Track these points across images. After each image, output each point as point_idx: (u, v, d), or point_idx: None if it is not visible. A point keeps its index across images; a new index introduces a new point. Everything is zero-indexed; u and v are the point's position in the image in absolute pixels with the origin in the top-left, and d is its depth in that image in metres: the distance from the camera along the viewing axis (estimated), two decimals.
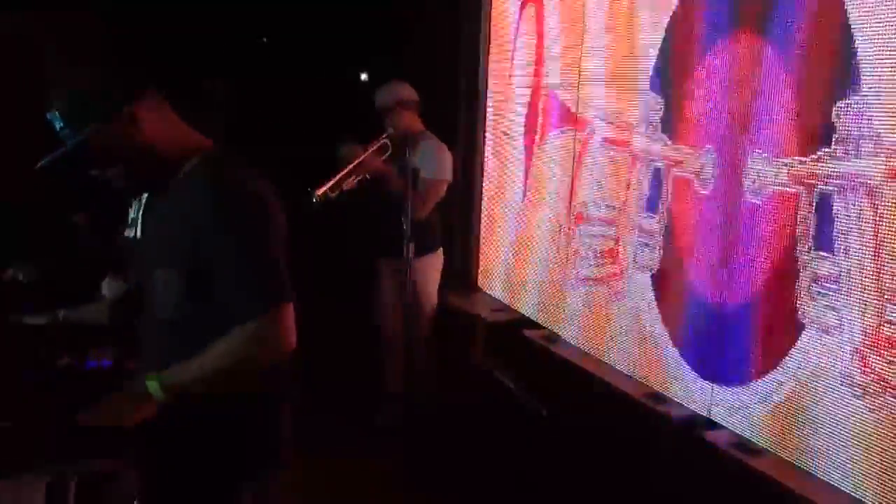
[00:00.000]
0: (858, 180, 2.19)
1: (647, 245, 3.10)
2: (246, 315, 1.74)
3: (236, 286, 1.75)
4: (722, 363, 2.72)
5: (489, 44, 4.46)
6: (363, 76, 5.51)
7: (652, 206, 3.08)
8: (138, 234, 2.06)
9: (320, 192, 3.48)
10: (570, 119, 3.62)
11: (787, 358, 2.44)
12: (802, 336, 2.39)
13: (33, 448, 1.84)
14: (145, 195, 2.08)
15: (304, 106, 5.08)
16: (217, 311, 1.76)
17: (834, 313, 2.28)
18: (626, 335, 3.23)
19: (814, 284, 2.34)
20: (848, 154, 2.22)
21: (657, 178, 3.05)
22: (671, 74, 2.96)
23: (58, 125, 1.79)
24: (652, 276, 3.07)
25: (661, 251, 3.02)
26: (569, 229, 3.65)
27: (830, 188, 2.28)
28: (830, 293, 2.29)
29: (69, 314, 2.30)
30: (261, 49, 5.24)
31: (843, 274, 2.25)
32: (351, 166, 3.59)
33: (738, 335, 2.64)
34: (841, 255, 2.25)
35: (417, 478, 3.56)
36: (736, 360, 2.64)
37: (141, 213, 2.10)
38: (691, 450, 2.74)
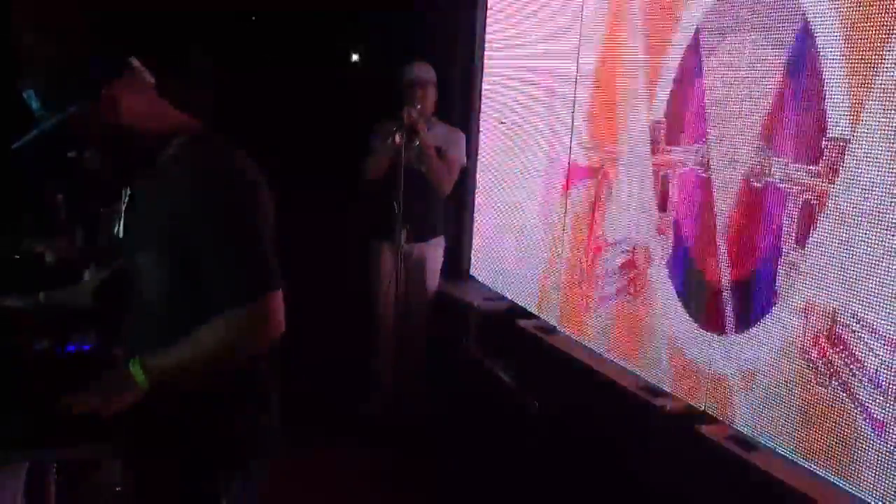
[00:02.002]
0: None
1: (653, 237, 3.05)
2: (232, 302, 1.69)
3: (223, 273, 1.70)
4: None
5: (486, 28, 4.40)
6: (354, 57, 5.45)
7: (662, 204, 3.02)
8: (120, 230, 2.00)
9: None
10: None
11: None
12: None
13: (12, 434, 1.78)
14: (129, 189, 2.01)
15: (293, 86, 5.01)
16: (204, 297, 1.71)
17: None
18: (623, 326, 3.19)
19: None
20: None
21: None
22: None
23: (34, 105, 1.72)
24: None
25: (672, 240, 2.97)
26: (564, 217, 3.61)
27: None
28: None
29: (49, 297, 2.25)
30: (249, 26, 5.16)
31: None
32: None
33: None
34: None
35: (406, 470, 3.54)
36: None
37: (124, 206, 2.03)
38: (686, 443, 2.71)
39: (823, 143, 2.29)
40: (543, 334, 3.63)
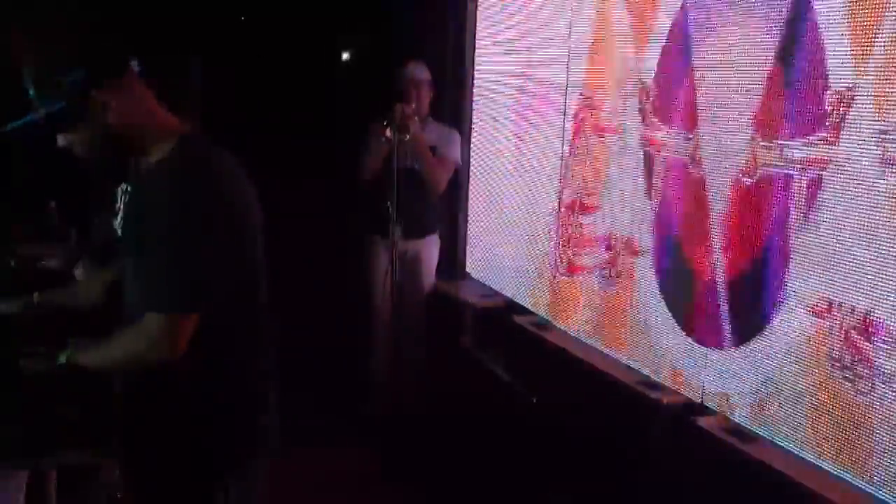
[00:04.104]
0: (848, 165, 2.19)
1: (641, 228, 3.06)
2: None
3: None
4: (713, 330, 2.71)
5: (476, 25, 4.40)
6: (344, 55, 5.45)
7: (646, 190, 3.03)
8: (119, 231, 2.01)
9: None
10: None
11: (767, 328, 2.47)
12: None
13: (11, 440, 1.78)
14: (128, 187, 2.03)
15: (284, 86, 5.01)
16: None
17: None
18: (619, 319, 3.20)
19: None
20: (840, 139, 2.21)
21: (648, 163, 3.00)
22: (665, 61, 2.91)
23: (31, 91, 1.76)
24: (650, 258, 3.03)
25: (654, 233, 2.98)
26: (559, 214, 3.61)
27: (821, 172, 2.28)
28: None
29: (44, 297, 2.24)
30: (239, 27, 5.15)
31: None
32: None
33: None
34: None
35: (404, 466, 3.54)
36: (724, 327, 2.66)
37: (120, 208, 2.04)
38: (684, 436, 2.72)
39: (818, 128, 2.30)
40: (540, 330, 3.63)
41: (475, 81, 4.42)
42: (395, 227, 3.70)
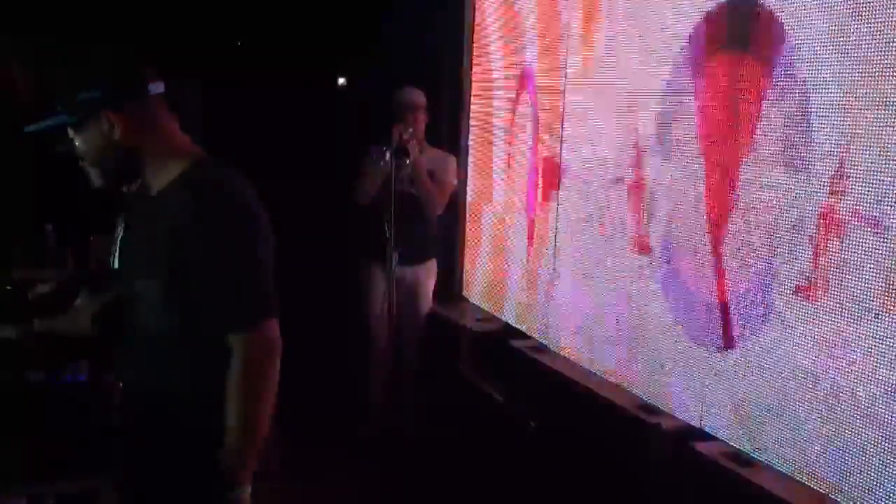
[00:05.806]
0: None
1: (644, 253, 3.07)
2: (235, 328, 1.70)
3: (227, 299, 1.72)
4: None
5: (472, 51, 4.43)
6: (341, 80, 5.48)
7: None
8: (115, 260, 2.01)
9: None
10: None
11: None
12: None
13: (8, 467, 1.77)
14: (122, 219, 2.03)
15: (280, 109, 5.04)
16: (200, 321, 1.72)
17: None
18: (617, 343, 3.20)
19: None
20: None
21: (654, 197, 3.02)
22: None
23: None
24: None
25: (662, 256, 2.99)
26: (554, 235, 3.62)
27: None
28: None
29: (44, 325, 2.23)
30: (235, 51, 5.18)
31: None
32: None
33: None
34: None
35: (402, 492, 3.52)
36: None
37: (119, 235, 2.04)
38: (683, 461, 2.71)
39: (812, 157, 2.32)
40: (537, 354, 3.63)
41: (472, 103, 4.45)
42: (393, 251, 3.70)
